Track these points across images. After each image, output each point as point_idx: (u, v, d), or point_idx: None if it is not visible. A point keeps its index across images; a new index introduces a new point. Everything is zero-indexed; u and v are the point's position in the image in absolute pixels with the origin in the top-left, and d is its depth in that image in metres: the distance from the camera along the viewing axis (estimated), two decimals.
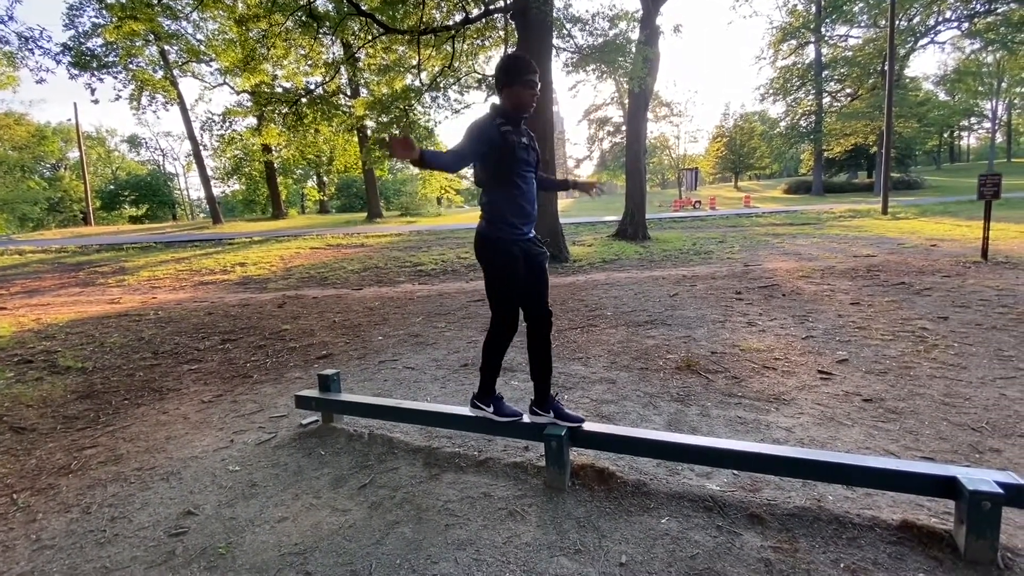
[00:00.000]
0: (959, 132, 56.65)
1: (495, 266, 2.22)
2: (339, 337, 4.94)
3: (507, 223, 2.18)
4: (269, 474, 2.42)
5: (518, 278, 2.21)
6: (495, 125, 2.12)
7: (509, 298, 2.25)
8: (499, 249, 2.19)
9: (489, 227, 2.20)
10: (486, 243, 2.22)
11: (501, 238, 2.18)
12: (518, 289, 2.23)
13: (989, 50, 32.21)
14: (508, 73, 2.15)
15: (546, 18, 9.30)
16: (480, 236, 2.24)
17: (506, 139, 2.12)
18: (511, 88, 2.15)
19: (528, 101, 2.17)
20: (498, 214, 2.18)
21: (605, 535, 1.85)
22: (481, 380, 2.41)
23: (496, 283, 2.24)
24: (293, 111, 13.49)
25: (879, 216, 15.94)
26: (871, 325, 4.39)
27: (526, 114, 2.21)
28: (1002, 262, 6.96)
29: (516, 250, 2.19)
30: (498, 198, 2.18)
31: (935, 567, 1.63)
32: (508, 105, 2.18)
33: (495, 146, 2.11)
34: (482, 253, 2.25)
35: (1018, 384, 3.00)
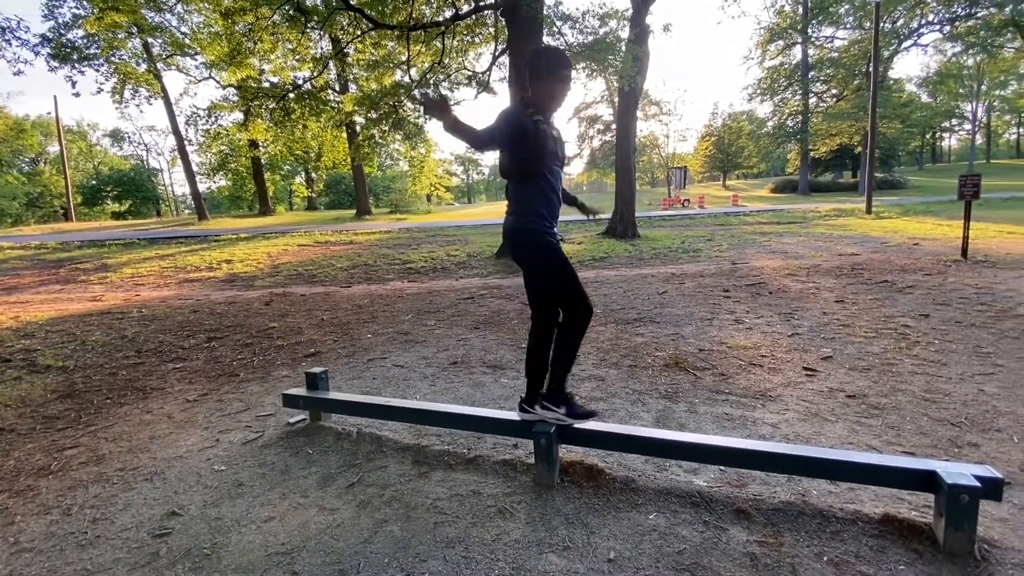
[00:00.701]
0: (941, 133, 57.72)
1: (536, 259, 2.15)
2: (327, 335, 4.91)
3: (537, 215, 2.13)
4: (256, 473, 2.40)
5: (564, 266, 2.14)
6: (528, 114, 2.07)
7: (574, 277, 2.14)
8: (535, 241, 2.13)
9: (520, 220, 2.14)
10: (520, 236, 2.15)
11: (535, 230, 2.13)
12: (570, 267, 2.15)
13: (970, 53, 32.86)
14: (542, 66, 2.11)
15: (536, 15, 9.29)
16: (512, 232, 2.17)
17: (539, 129, 2.08)
18: (544, 81, 2.11)
19: (561, 96, 2.14)
20: (528, 207, 2.13)
21: (594, 531, 1.86)
22: (554, 379, 2.24)
23: (552, 272, 2.14)
24: (280, 106, 13.32)
25: (863, 215, 16.19)
26: (855, 323, 4.46)
27: (557, 109, 2.18)
28: (981, 261, 7.10)
29: (549, 238, 2.14)
30: (528, 191, 2.13)
31: (915, 559, 1.66)
32: (540, 98, 2.13)
33: (528, 135, 2.05)
34: (518, 249, 2.18)
35: (996, 380, 3.07)
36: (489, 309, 5.74)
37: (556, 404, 2.21)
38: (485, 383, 3.43)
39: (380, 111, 12.80)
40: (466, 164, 66.88)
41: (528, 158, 2.09)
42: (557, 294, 2.18)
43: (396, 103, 12.65)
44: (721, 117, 49.93)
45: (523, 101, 2.14)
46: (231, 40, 11.90)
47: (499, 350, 4.17)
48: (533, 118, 2.07)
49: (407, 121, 13.52)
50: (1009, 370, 3.21)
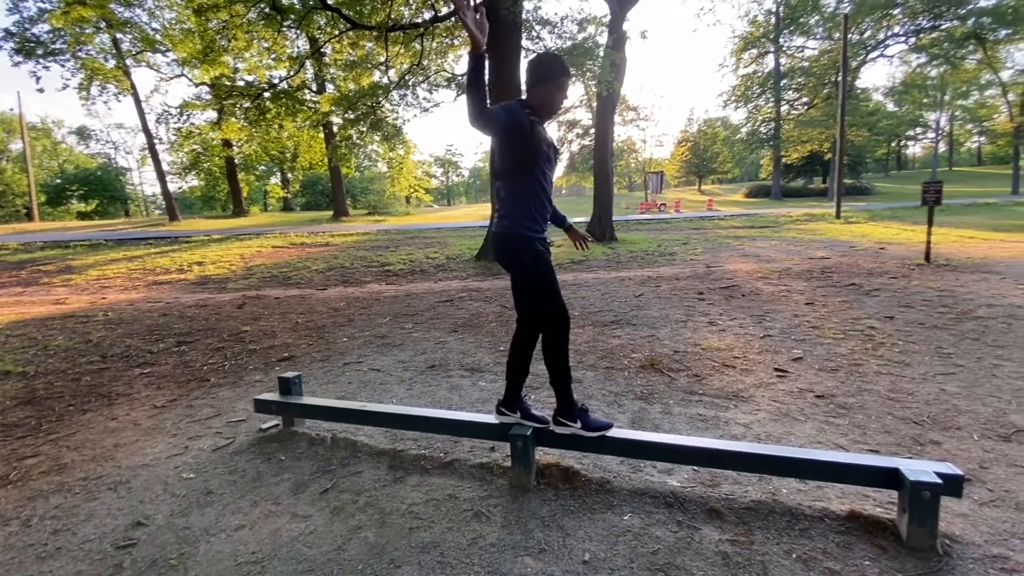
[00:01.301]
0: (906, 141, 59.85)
1: (525, 264, 2.11)
2: (302, 339, 4.82)
3: (529, 218, 2.10)
4: (226, 481, 2.34)
5: (551, 269, 2.13)
6: (526, 114, 2.05)
7: (553, 289, 2.12)
8: (526, 247, 2.10)
9: (511, 224, 2.10)
10: (510, 242, 2.12)
11: (525, 235, 2.10)
12: (552, 279, 2.13)
13: (933, 64, 34.15)
14: (543, 71, 2.10)
15: (515, 19, 9.33)
16: (502, 237, 2.14)
17: (535, 129, 2.06)
18: (543, 87, 2.10)
19: (558, 103, 2.13)
20: (519, 209, 2.10)
21: (569, 533, 1.86)
22: (560, 393, 2.19)
23: (533, 279, 2.12)
24: (255, 105, 13.09)
25: (833, 220, 16.68)
26: (824, 324, 4.58)
27: (552, 115, 2.17)
28: (943, 264, 7.39)
29: (539, 245, 2.12)
30: (519, 192, 2.10)
31: (880, 555, 1.71)
32: (537, 103, 2.11)
33: (524, 132, 2.02)
34: (508, 254, 2.15)
35: (956, 380, 3.19)
36: (468, 312, 5.72)
37: (571, 419, 2.17)
38: (463, 386, 3.41)
39: (358, 112, 12.68)
40: (446, 166, 66.66)
41: (524, 155, 2.06)
42: (534, 304, 2.17)
43: (374, 104, 12.54)
44: (697, 123, 50.95)
45: (520, 102, 2.11)
46: (204, 37, 11.63)
47: (477, 353, 4.16)
48: (530, 117, 2.06)
49: (385, 122, 13.43)
50: (969, 370, 3.35)
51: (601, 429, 2.15)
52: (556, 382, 2.20)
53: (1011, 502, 1.97)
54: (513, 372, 2.28)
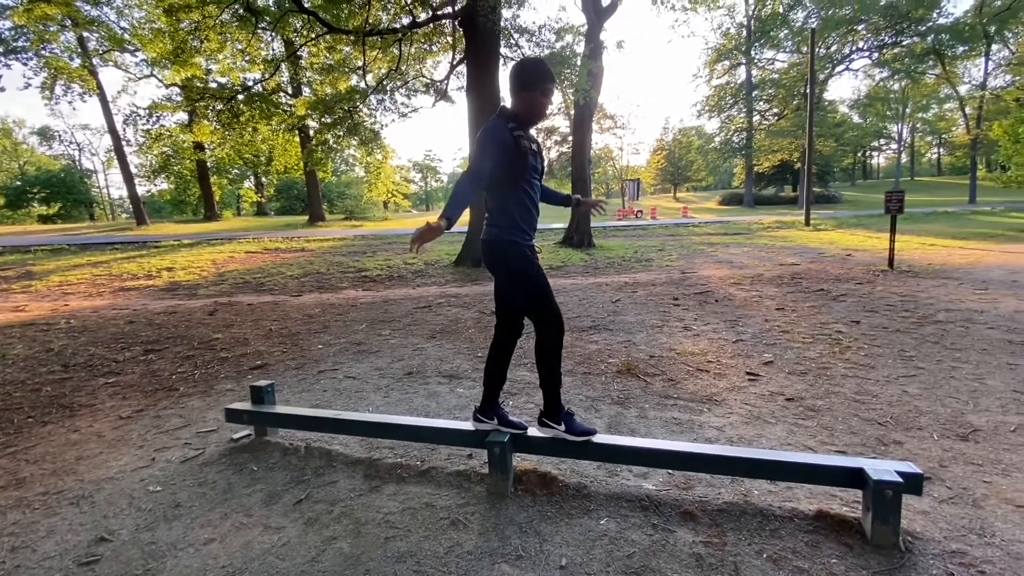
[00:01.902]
0: (870, 152, 62.22)
1: (513, 271, 2.13)
2: (275, 346, 4.73)
3: (518, 228, 2.12)
4: (195, 493, 2.28)
5: (541, 273, 2.15)
6: (507, 129, 2.05)
7: (544, 292, 2.14)
8: (515, 253, 2.11)
9: (501, 232, 2.12)
10: (499, 249, 2.13)
11: (515, 242, 2.11)
12: (543, 282, 2.15)
13: (895, 78, 35.71)
14: (528, 78, 2.10)
15: (494, 27, 9.39)
16: (490, 243, 2.15)
17: (518, 143, 2.06)
18: (528, 93, 2.10)
19: (543, 109, 2.14)
20: (508, 220, 2.11)
21: (546, 539, 1.87)
22: (547, 395, 2.23)
23: (523, 284, 2.14)
24: (228, 108, 12.82)
25: (803, 227, 17.19)
26: (794, 329, 4.71)
27: (538, 122, 2.18)
28: (905, 271, 7.69)
29: (527, 250, 2.15)
30: (507, 203, 2.11)
31: (846, 552, 1.76)
32: (521, 110, 2.12)
33: (508, 149, 2.03)
34: (496, 261, 2.16)
35: (917, 381, 3.32)
36: (446, 318, 5.70)
37: (556, 421, 2.20)
38: (440, 393, 3.39)
39: (335, 116, 12.55)
40: (425, 171, 66.42)
41: (509, 173, 2.07)
42: (528, 308, 2.18)
43: (351, 108, 12.43)
44: (672, 132, 52.04)
45: (505, 114, 2.12)
46: (175, 38, 11.35)
47: (455, 359, 4.15)
48: (514, 133, 2.06)
49: (363, 127, 13.31)
50: (929, 372, 3.48)
51: (585, 434, 2.17)
52: (546, 384, 2.22)
53: (968, 499, 2.06)
54: (491, 379, 2.29)
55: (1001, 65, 33.00)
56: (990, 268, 7.65)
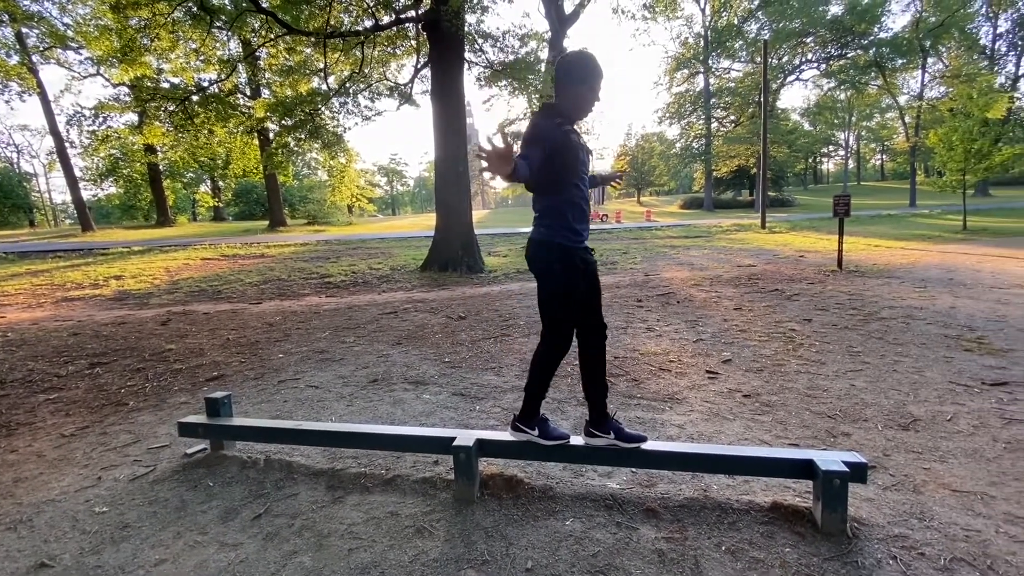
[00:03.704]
0: (820, 158, 65.32)
1: (556, 277, 2.05)
2: (233, 356, 4.56)
3: (569, 228, 2.04)
4: (145, 513, 2.17)
5: (580, 290, 2.07)
6: (556, 125, 1.98)
7: (571, 310, 2.09)
8: (562, 258, 2.04)
9: (550, 233, 2.04)
10: (547, 251, 2.05)
11: (564, 246, 2.03)
12: (579, 301, 2.09)
13: (841, 88, 37.68)
14: (576, 73, 2.03)
15: (458, 32, 9.40)
16: (539, 244, 2.07)
17: (569, 139, 2.00)
18: (577, 88, 2.03)
19: (590, 105, 2.07)
20: (560, 219, 2.03)
21: (512, 542, 1.87)
22: (526, 401, 2.19)
23: (556, 295, 2.07)
24: (182, 109, 12.32)
25: (759, 230, 17.86)
26: (751, 328, 4.89)
27: (584, 116, 2.13)
28: (853, 271, 8.10)
29: (577, 260, 2.06)
30: (558, 202, 2.03)
31: (799, 541, 1.84)
32: (569, 105, 2.06)
33: (559, 147, 1.96)
34: (542, 262, 2.08)
35: (864, 376, 3.50)
36: (413, 323, 5.64)
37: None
38: (406, 400, 3.36)
39: (295, 118, 12.25)
40: (390, 175, 65.61)
41: (559, 171, 1.99)
42: (577, 316, 2.11)
43: (313, 111, 12.17)
44: (635, 138, 53.21)
45: (550, 109, 2.06)
46: (123, 35, 10.84)
47: (422, 365, 4.11)
48: (563, 128, 2.00)
49: (325, 130, 13.04)
50: (874, 366, 3.68)
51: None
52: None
53: (909, 486, 2.18)
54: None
55: (936, 77, 35.33)
56: (928, 268, 8.15)
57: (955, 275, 7.28)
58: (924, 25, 32.01)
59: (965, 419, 2.78)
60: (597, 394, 2.17)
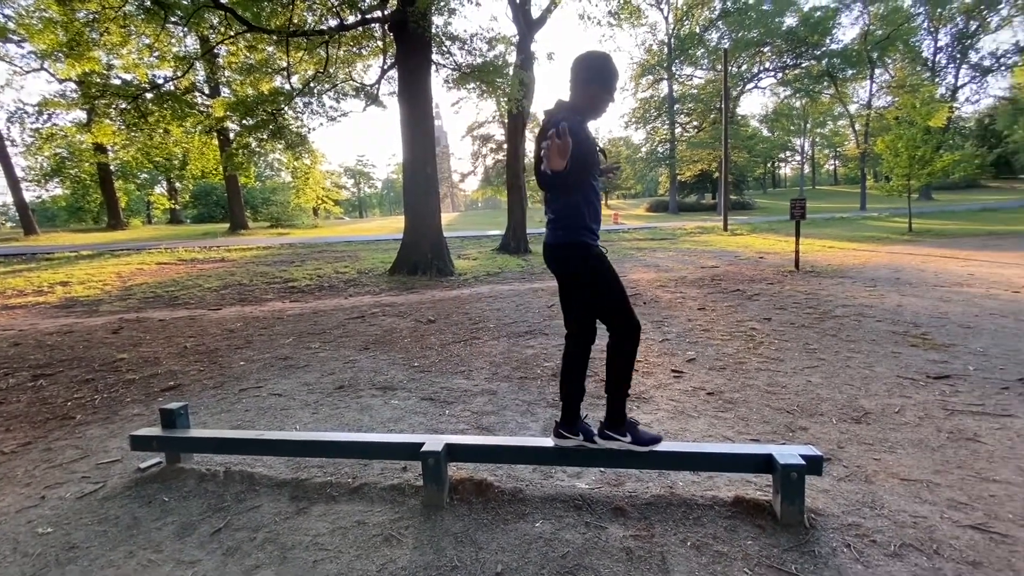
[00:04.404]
0: (778, 163, 67.92)
1: (589, 274, 2.02)
2: (191, 365, 4.39)
3: (588, 228, 2.03)
4: (94, 532, 2.06)
5: (615, 275, 2.05)
6: (578, 122, 1.97)
7: (622, 300, 2.04)
8: (587, 256, 2.02)
9: (573, 234, 2.01)
10: (574, 251, 2.02)
11: (586, 244, 2.02)
12: (620, 286, 2.05)
13: (797, 96, 39.31)
14: (594, 72, 2.02)
15: (425, 33, 9.34)
16: (565, 247, 2.04)
17: (590, 138, 1.99)
18: (593, 87, 2.03)
19: (606, 105, 2.08)
20: (579, 219, 2.02)
21: (482, 547, 1.86)
22: (613, 405, 2.13)
23: (596, 291, 2.04)
24: (134, 107, 11.78)
25: (721, 232, 18.41)
26: (714, 327, 5.03)
27: (598, 116, 2.12)
28: (809, 271, 8.44)
29: (598, 251, 2.05)
30: (576, 202, 2.01)
31: (760, 533, 1.90)
32: (586, 104, 2.05)
33: (581, 145, 1.93)
34: (568, 265, 2.06)
35: (819, 372, 3.65)
36: (381, 328, 5.55)
37: (621, 433, 2.13)
38: (374, 406, 3.30)
39: (257, 118, 11.90)
40: (357, 177, 64.50)
41: (582, 171, 1.96)
42: (604, 314, 2.08)
43: (275, 111, 11.85)
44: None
45: (567, 106, 2.05)
46: (69, 29, 10.29)
47: (390, 371, 4.05)
48: (583, 126, 2.01)
49: (288, 130, 12.72)
50: (829, 363, 3.84)
51: (652, 443, 2.11)
52: (614, 392, 2.13)
53: (862, 476, 2.28)
54: (571, 391, 2.16)
55: (883, 87, 37.32)
56: (878, 268, 8.58)
57: (902, 275, 7.69)
58: (871, 38, 33.79)
59: (912, 411, 2.93)
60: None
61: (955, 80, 39.02)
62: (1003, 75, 39.72)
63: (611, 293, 2.04)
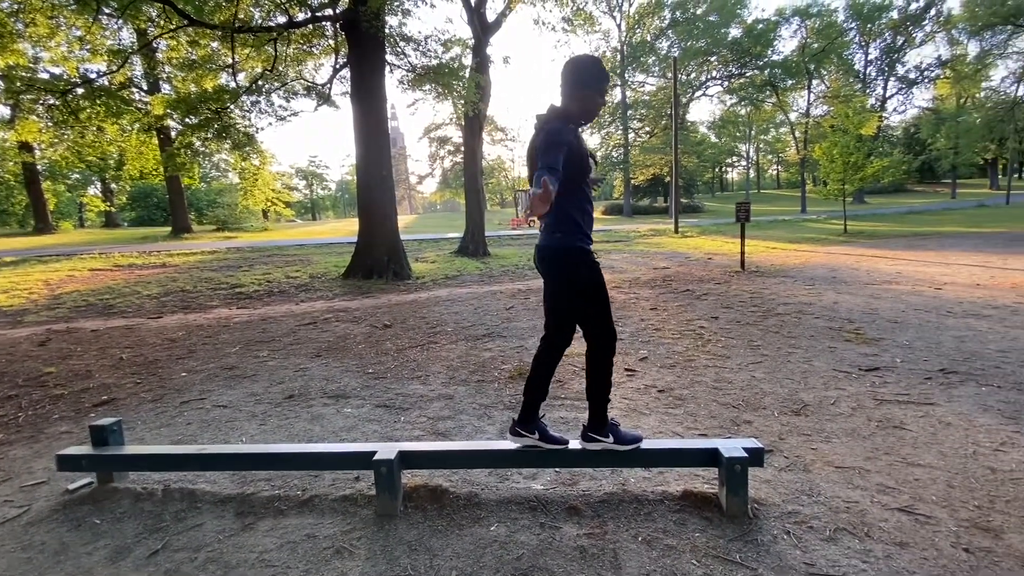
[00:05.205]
0: (726, 167, 70.92)
1: (583, 278, 2.04)
2: (127, 377, 4.13)
3: (583, 233, 2.06)
4: (17, 560, 1.90)
5: (604, 283, 2.09)
6: (570, 129, 1.99)
7: (605, 310, 2.09)
8: (585, 260, 2.05)
9: (568, 239, 2.04)
10: (569, 256, 2.04)
11: (583, 248, 2.05)
12: (606, 296, 2.09)
13: (742, 104, 41.20)
14: (586, 77, 2.04)
15: (378, 33, 9.19)
16: (559, 251, 2.05)
17: (580, 144, 2.01)
18: (587, 92, 2.05)
19: (598, 110, 2.11)
20: (574, 225, 2.04)
21: (436, 554, 1.85)
22: (595, 408, 2.17)
23: (591, 296, 2.06)
24: (64, 103, 10.99)
25: (672, 235, 19.02)
26: (665, 326, 5.19)
27: (591, 121, 2.13)
28: (754, 271, 8.85)
29: (591, 260, 2.07)
30: (569, 207, 2.04)
31: (707, 526, 1.97)
32: (577, 109, 2.07)
33: (574, 152, 1.96)
34: (560, 268, 2.07)
35: (763, 367, 3.83)
36: (334, 334, 5.40)
37: (603, 434, 2.16)
38: (326, 415, 3.21)
39: (200, 116, 11.35)
40: (309, 178, 62.63)
41: (570, 176, 1.99)
42: (586, 321, 2.11)
43: (220, 109, 11.34)
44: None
45: (559, 112, 2.05)
46: None
47: (343, 378, 3.95)
48: (575, 132, 2.03)
49: (235, 129, 12.20)
50: (772, 358, 4.04)
51: (633, 442, 2.16)
52: (594, 397, 2.17)
53: (801, 466, 2.41)
54: (535, 391, 2.19)
55: (820, 97, 39.67)
56: (816, 267, 9.09)
57: (838, 274, 8.18)
58: (809, 50, 35.91)
59: (845, 402, 3.12)
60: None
61: (884, 91, 42.02)
62: (926, 87, 43.17)
63: (597, 302, 2.09)
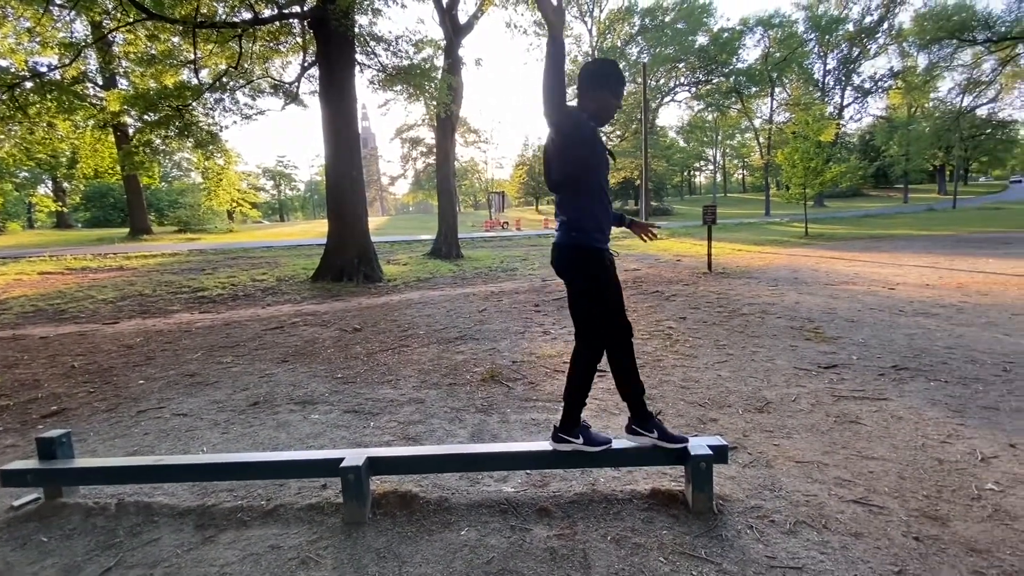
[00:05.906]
0: (694, 171, 72.62)
1: (597, 279, 2.04)
2: (79, 386, 3.93)
3: (599, 230, 2.06)
4: None
5: (618, 286, 2.09)
6: (589, 123, 2.00)
7: (621, 303, 2.11)
8: (600, 261, 2.04)
9: (582, 236, 2.03)
10: (582, 254, 2.05)
11: (599, 248, 2.05)
12: (620, 296, 2.10)
13: (709, 110, 42.35)
14: (601, 79, 2.06)
15: (347, 33, 9.04)
16: (575, 249, 2.05)
17: (598, 139, 2.02)
18: (602, 93, 2.06)
19: (614, 112, 2.11)
20: (589, 222, 2.04)
21: (405, 561, 1.82)
22: (567, 410, 2.17)
23: (599, 297, 2.06)
24: (10, 97, 10.42)
25: None
26: (635, 327, 5.24)
27: (606, 122, 2.13)
28: (720, 272, 9.08)
29: (607, 260, 2.07)
30: (586, 204, 2.04)
31: (674, 523, 2.00)
32: (594, 110, 2.07)
33: (590, 143, 1.96)
34: (577, 266, 2.07)
35: (728, 366, 3.93)
36: (301, 338, 5.28)
37: (574, 435, 2.15)
38: (292, 422, 3.13)
39: (160, 114, 10.94)
40: (277, 179, 61.10)
41: (587, 170, 2.00)
42: (586, 318, 2.12)
43: (182, 106, 10.95)
44: (532, 148, 55.08)
45: (578, 109, 2.06)
46: None
47: (310, 383, 3.86)
48: (594, 128, 2.05)
49: (197, 127, 11.80)
50: (737, 357, 4.14)
51: (603, 444, 2.17)
52: (570, 398, 2.17)
53: (763, 462, 2.48)
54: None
55: (782, 104, 41.11)
56: (779, 269, 9.40)
57: (799, 275, 8.47)
58: (771, 59, 37.17)
59: (806, 399, 3.23)
60: (635, 393, 2.19)
61: (841, 100, 43.84)
62: (880, 96, 45.29)
63: (603, 303, 2.08)
